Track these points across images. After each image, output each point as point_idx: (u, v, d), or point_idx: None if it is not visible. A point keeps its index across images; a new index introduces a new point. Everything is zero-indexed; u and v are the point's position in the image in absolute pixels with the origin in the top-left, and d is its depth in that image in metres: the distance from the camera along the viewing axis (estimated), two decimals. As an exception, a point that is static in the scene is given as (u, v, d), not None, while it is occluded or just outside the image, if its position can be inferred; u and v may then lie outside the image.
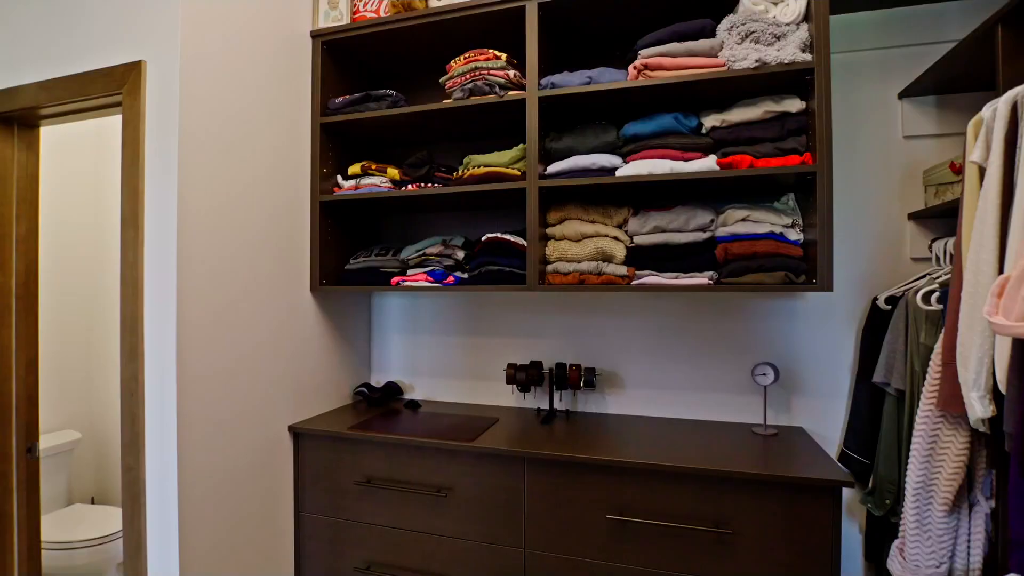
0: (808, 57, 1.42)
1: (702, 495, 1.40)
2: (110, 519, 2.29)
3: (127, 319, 1.43)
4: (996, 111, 1.04)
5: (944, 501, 1.22)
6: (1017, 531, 0.95)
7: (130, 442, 1.42)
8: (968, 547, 1.24)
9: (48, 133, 2.07)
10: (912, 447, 1.27)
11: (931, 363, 1.25)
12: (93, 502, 2.72)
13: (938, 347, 1.23)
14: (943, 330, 1.22)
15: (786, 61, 1.42)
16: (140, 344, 1.42)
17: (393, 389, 2.15)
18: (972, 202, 1.12)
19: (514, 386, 1.99)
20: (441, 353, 2.20)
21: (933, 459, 1.24)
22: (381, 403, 2.10)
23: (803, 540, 1.33)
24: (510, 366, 1.92)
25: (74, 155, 2.63)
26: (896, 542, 1.33)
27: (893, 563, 1.32)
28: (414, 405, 2.06)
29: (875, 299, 1.67)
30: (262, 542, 1.69)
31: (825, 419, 1.78)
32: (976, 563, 1.22)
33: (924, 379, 1.27)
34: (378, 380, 2.27)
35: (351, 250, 2.08)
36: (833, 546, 1.32)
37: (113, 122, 2.58)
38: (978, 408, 1.02)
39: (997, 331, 0.86)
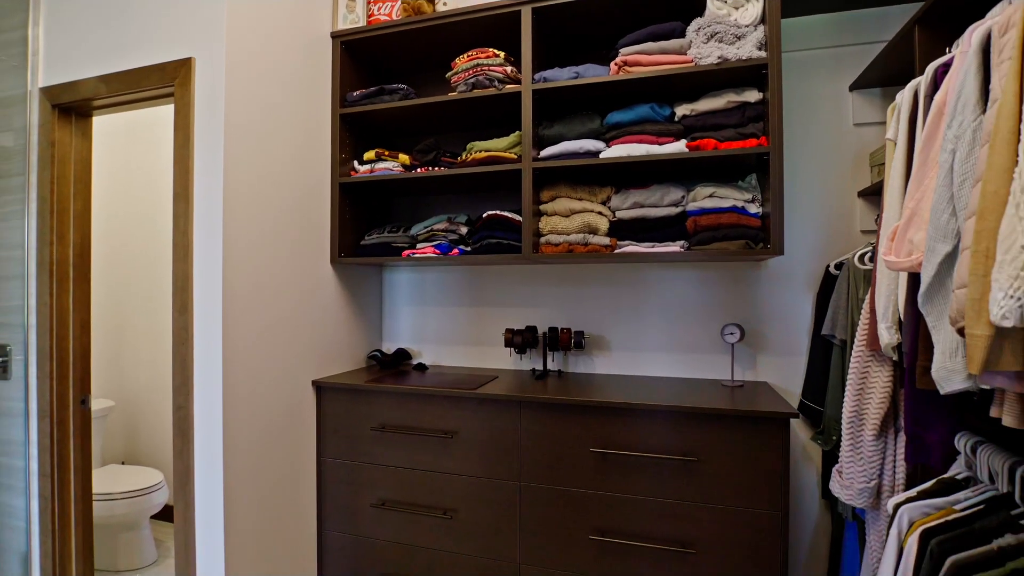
0: (763, 54, 1.66)
1: (672, 430, 1.64)
2: (142, 476, 2.51)
3: (179, 279, 1.66)
4: (903, 97, 1.27)
5: (873, 427, 1.45)
6: (910, 428, 1.18)
7: (181, 384, 1.65)
8: (894, 466, 1.46)
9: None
10: (847, 383, 1.50)
11: (862, 311, 1.48)
12: (123, 464, 2.95)
13: (868, 297, 1.46)
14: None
15: (744, 58, 1.66)
16: (190, 301, 1.65)
17: (403, 354, 2.38)
18: (890, 173, 1.35)
19: (512, 349, 2.22)
20: (446, 322, 2.43)
21: (864, 392, 1.47)
22: (392, 366, 2.33)
23: (757, 465, 1.57)
24: (508, 331, 2.15)
25: (104, 150, 2.86)
26: (836, 466, 1.56)
27: (833, 484, 1.55)
28: (422, 367, 2.30)
29: (828, 266, 1.90)
30: (290, 482, 1.92)
31: (787, 374, 2.01)
32: (900, 479, 1.44)
33: (859, 327, 1.50)
34: (389, 347, 2.50)
35: (366, 228, 2.32)
36: (783, 470, 1.55)
37: (136, 119, 2.80)
38: (886, 336, 1.25)
39: (889, 267, 1.09)
